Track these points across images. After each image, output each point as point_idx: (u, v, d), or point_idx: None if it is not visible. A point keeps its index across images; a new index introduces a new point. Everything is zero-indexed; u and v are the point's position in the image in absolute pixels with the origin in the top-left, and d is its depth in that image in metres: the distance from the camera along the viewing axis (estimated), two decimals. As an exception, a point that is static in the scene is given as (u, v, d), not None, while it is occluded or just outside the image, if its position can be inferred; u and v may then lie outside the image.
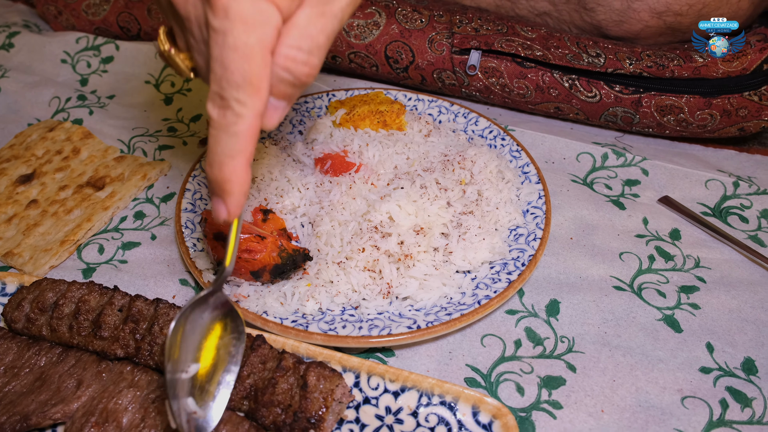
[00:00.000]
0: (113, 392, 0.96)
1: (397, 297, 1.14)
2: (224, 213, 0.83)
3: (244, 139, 0.76)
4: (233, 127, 0.74)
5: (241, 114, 0.74)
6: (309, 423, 0.92)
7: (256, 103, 0.74)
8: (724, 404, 1.01)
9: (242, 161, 0.78)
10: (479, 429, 0.94)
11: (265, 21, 0.72)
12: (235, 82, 0.72)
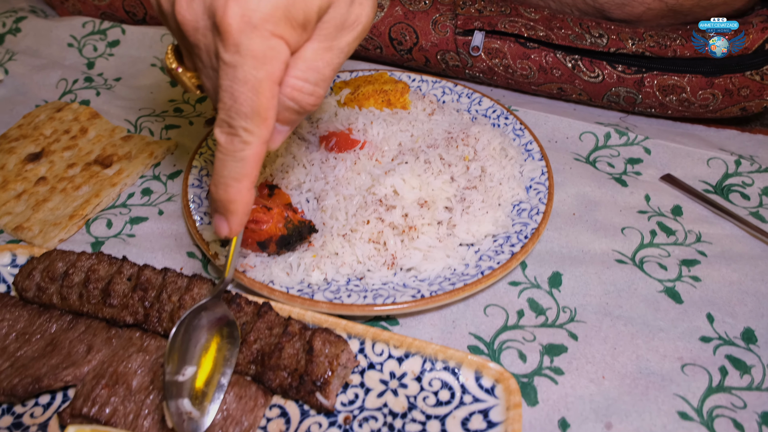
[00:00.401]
0: (123, 356, 0.98)
1: (402, 268, 1.15)
2: (226, 230, 0.90)
3: (250, 164, 0.82)
4: (240, 153, 0.80)
5: (248, 142, 0.79)
6: (315, 386, 0.93)
7: (263, 132, 0.79)
8: (724, 371, 1.02)
9: (247, 184, 0.84)
10: (482, 393, 0.96)
11: (274, 56, 0.76)
12: (244, 113, 0.77)
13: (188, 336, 0.92)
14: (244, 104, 0.76)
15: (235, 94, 0.75)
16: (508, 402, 0.92)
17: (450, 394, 0.97)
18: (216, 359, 0.93)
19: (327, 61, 0.82)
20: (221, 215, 0.89)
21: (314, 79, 0.82)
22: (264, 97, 0.76)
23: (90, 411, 0.91)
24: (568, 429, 0.94)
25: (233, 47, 0.74)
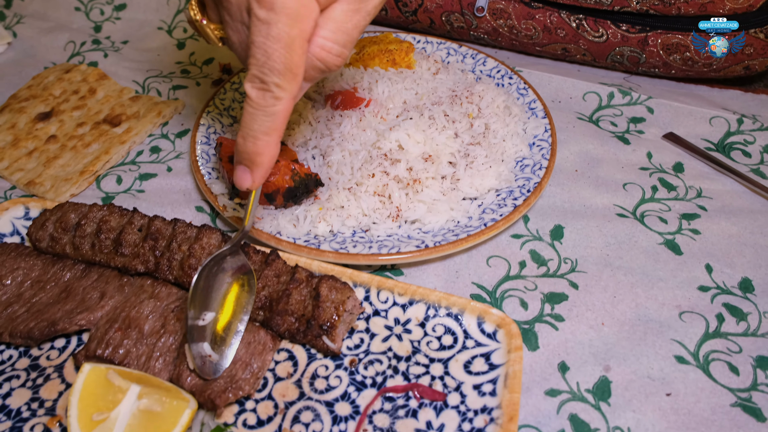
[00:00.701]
0: (135, 302, 1.01)
1: (406, 221, 1.18)
2: (248, 182, 0.92)
3: (280, 119, 0.84)
4: (271, 108, 0.82)
5: (280, 97, 0.81)
6: (321, 330, 0.96)
7: (294, 88, 0.81)
8: (720, 318, 1.04)
9: (276, 138, 0.87)
10: (484, 337, 0.98)
11: (307, 15, 0.77)
12: (277, 70, 0.79)
13: (209, 282, 0.96)
14: (278, 61, 0.78)
15: (269, 51, 0.77)
16: (509, 345, 0.95)
17: (453, 339, 0.99)
18: (234, 306, 0.96)
19: (355, 23, 0.83)
20: (246, 167, 0.91)
21: (342, 41, 0.83)
22: (296, 54, 0.78)
23: (104, 353, 0.95)
24: (568, 372, 0.97)
25: (268, 4, 0.75)
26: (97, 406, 0.86)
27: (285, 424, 0.90)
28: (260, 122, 0.84)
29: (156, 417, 0.85)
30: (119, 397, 0.88)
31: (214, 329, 0.94)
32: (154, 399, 0.87)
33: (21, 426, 0.90)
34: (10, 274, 1.07)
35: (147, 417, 0.86)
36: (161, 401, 0.87)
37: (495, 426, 0.86)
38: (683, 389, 0.94)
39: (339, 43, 0.83)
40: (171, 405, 0.86)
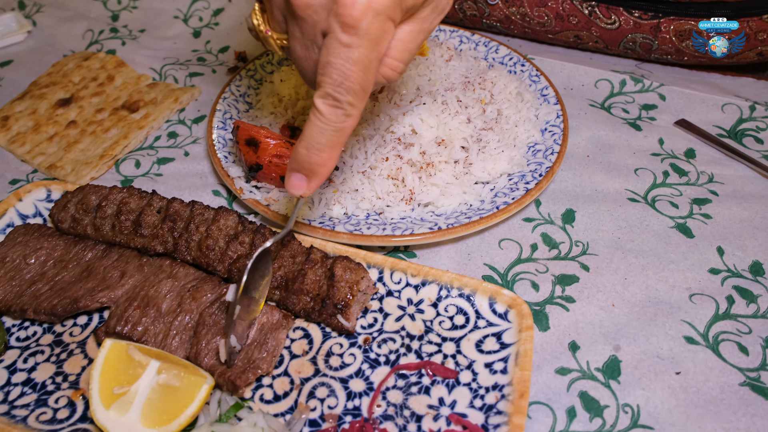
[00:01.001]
0: (153, 282, 1.04)
1: (419, 204, 1.19)
2: (303, 189, 0.93)
3: (347, 134, 0.87)
4: (341, 124, 0.84)
5: (351, 115, 0.83)
6: (336, 309, 0.98)
7: (363, 105, 0.84)
8: (731, 300, 1.05)
9: (338, 152, 0.89)
10: (495, 317, 1.00)
11: (386, 38, 0.80)
12: (354, 90, 0.81)
13: (253, 277, 0.96)
14: (355, 83, 0.79)
15: (347, 73, 0.79)
16: (520, 325, 0.96)
17: (465, 319, 1.01)
18: (257, 296, 0.99)
19: (418, 43, 0.85)
20: (304, 176, 0.91)
21: (406, 59, 0.85)
22: (371, 75, 0.81)
23: (123, 329, 0.97)
24: (578, 351, 0.98)
25: (352, 30, 0.76)
26: (118, 380, 0.89)
27: (301, 399, 0.93)
28: (328, 136, 0.85)
29: (174, 391, 0.88)
30: (139, 371, 0.90)
31: (240, 320, 0.96)
32: (172, 374, 0.90)
33: (46, 399, 0.93)
34: (33, 254, 1.10)
35: (166, 391, 0.88)
36: (179, 376, 0.89)
37: (506, 402, 0.88)
38: (693, 368, 0.95)
39: (404, 61, 0.85)
40: (189, 380, 0.89)
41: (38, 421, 0.89)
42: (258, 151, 1.14)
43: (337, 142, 0.86)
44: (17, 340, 1.02)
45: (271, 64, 1.55)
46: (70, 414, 0.91)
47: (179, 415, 0.84)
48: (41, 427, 0.88)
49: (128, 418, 0.85)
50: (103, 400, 0.87)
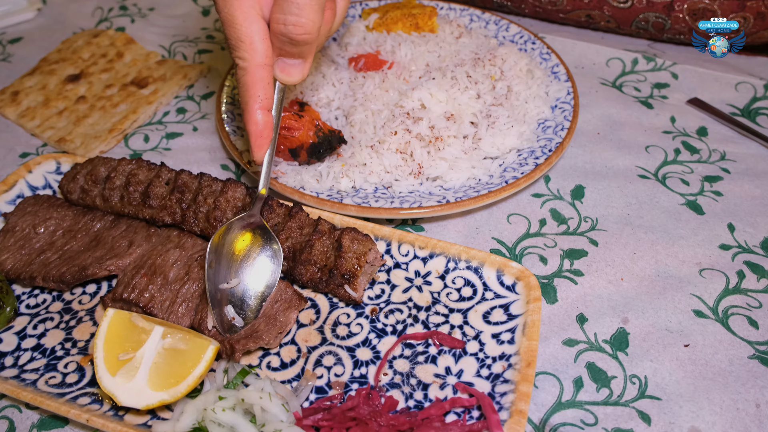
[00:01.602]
0: (161, 251, 1.04)
1: (428, 178, 1.19)
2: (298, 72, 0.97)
3: (252, 88, 0.92)
4: (241, 79, 0.92)
5: (243, 67, 0.91)
6: (343, 279, 0.98)
7: (252, 56, 0.90)
8: (741, 275, 1.04)
9: (254, 106, 0.93)
10: (503, 290, 1.00)
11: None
12: (232, 45, 0.91)
13: (229, 247, 0.97)
14: (230, 37, 0.90)
15: (224, 30, 0.90)
16: (528, 296, 0.96)
17: (472, 291, 1.01)
18: (260, 272, 0.98)
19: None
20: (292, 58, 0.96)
21: (295, 11, 0.87)
22: (240, 26, 0.88)
23: (130, 296, 0.97)
24: (586, 323, 0.98)
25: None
26: (123, 347, 0.89)
27: (308, 366, 0.93)
28: (241, 95, 0.94)
29: (181, 354, 0.88)
30: (143, 337, 0.90)
31: (240, 294, 0.96)
32: (177, 338, 0.89)
33: (55, 363, 0.93)
34: (42, 224, 1.10)
35: (172, 354, 0.88)
36: (185, 339, 0.89)
37: (513, 371, 0.87)
38: (701, 341, 0.94)
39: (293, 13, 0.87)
40: (194, 342, 0.89)
41: (48, 384, 0.90)
42: (266, 124, 1.14)
43: (246, 98, 0.93)
44: (27, 307, 1.03)
45: (280, 41, 1.54)
46: (79, 378, 0.91)
47: (186, 377, 0.84)
48: (50, 391, 0.89)
49: (135, 383, 0.85)
50: (109, 367, 0.87)
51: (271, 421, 0.82)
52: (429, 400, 0.87)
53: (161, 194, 1.10)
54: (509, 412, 0.81)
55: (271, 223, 1.05)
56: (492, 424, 0.79)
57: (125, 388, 0.85)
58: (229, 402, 0.83)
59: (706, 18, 1.50)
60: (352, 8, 1.66)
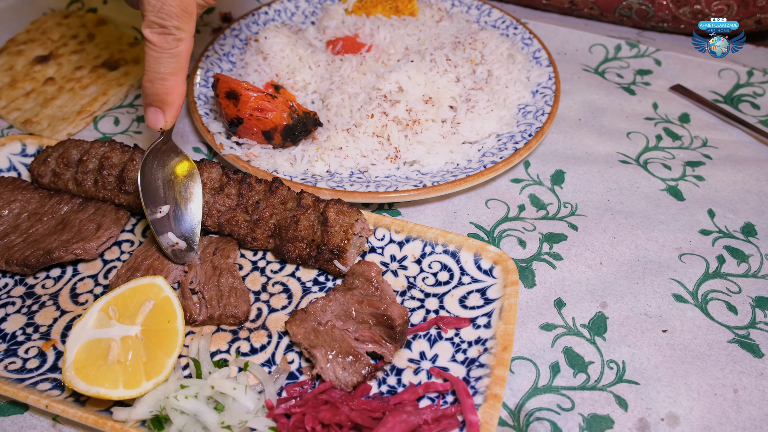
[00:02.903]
0: (157, 252, 0.99)
1: (405, 162, 1.16)
2: (161, 122, 0.95)
3: (185, 58, 0.89)
4: (175, 49, 0.87)
5: (181, 38, 0.87)
6: (332, 254, 0.96)
7: (191, 27, 0.87)
8: (721, 259, 1.03)
9: (182, 77, 0.91)
10: (480, 274, 0.97)
11: None
12: (175, 13, 0.84)
13: (153, 178, 0.96)
14: (174, 5, 0.83)
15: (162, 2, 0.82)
16: (505, 280, 0.94)
17: (449, 275, 0.98)
18: (185, 194, 0.98)
19: None
20: (157, 108, 0.93)
21: None
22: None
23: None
24: (564, 307, 0.96)
25: None
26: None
27: (278, 352, 0.90)
28: (166, 64, 0.88)
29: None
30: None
31: (172, 219, 0.97)
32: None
33: (16, 349, 0.90)
34: (6, 206, 1.06)
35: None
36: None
37: (489, 355, 0.85)
38: (680, 326, 0.93)
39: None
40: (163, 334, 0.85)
41: (7, 370, 0.87)
42: (239, 105, 1.10)
43: (177, 68, 0.89)
44: (-13, 292, 0.99)
45: (256, 24, 1.51)
46: (40, 364, 0.88)
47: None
48: (9, 376, 0.85)
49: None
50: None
51: (238, 412, 0.79)
52: (403, 385, 0.85)
53: (135, 178, 1.06)
54: (484, 396, 0.79)
55: (252, 200, 1.02)
56: (466, 408, 0.77)
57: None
58: (192, 390, 0.80)
59: (689, 5, 1.48)
60: (332, -8, 1.63)
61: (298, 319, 0.90)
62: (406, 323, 0.87)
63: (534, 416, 0.82)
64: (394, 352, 0.86)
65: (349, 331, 0.89)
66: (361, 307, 0.90)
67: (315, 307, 0.91)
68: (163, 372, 0.81)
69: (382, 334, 0.87)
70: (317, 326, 0.88)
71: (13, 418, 0.84)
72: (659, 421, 0.81)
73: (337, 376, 0.83)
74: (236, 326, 0.93)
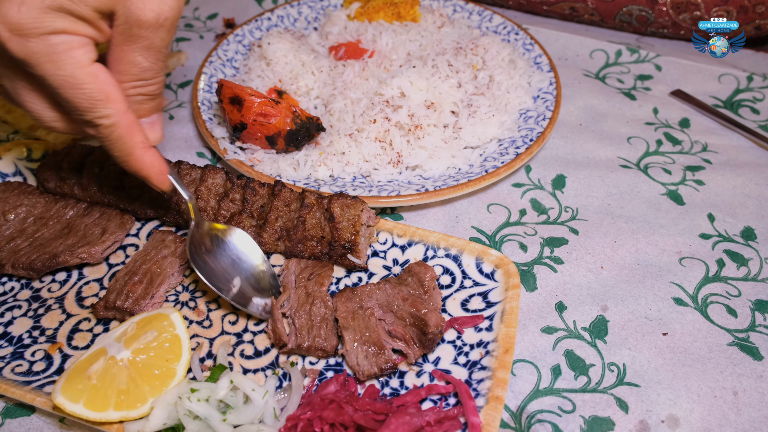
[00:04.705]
0: (155, 257, 1.00)
1: (407, 167, 1.17)
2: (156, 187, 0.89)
3: (130, 137, 0.81)
4: (112, 135, 0.80)
5: (111, 124, 0.78)
6: (344, 249, 0.97)
7: (117, 107, 0.77)
8: (721, 263, 1.04)
9: (140, 151, 0.83)
10: (482, 277, 0.98)
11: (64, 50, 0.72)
12: (85, 107, 0.76)
13: (208, 266, 0.94)
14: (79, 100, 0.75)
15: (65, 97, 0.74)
16: (506, 284, 0.95)
17: (451, 279, 0.99)
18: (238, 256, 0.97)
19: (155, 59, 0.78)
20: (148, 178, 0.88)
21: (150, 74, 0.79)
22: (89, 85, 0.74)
23: (123, 304, 0.93)
24: (565, 311, 0.97)
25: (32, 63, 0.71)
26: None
27: (281, 356, 0.91)
28: (118, 149, 0.82)
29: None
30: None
31: (249, 284, 0.96)
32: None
33: (22, 351, 0.91)
34: (13, 210, 1.07)
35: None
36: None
37: (491, 358, 0.86)
38: (680, 329, 0.93)
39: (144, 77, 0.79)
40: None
41: (14, 372, 0.88)
42: (242, 110, 1.12)
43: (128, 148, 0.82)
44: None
45: (259, 30, 1.52)
46: (47, 366, 0.89)
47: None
48: (17, 379, 0.86)
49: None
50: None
51: (247, 414, 0.80)
52: (405, 387, 0.86)
53: (141, 184, 1.07)
54: (486, 399, 0.80)
55: (256, 204, 1.03)
56: (468, 411, 0.78)
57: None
58: (203, 393, 0.81)
59: (689, 11, 1.49)
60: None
61: (345, 297, 0.93)
62: (440, 333, 0.87)
63: (535, 418, 0.83)
64: (420, 355, 0.88)
65: (386, 322, 0.91)
66: (404, 304, 0.91)
67: (363, 290, 0.94)
68: (135, 409, 0.79)
69: (413, 335, 0.88)
70: (358, 309, 0.91)
71: (21, 420, 0.85)
72: (659, 423, 0.82)
73: (358, 362, 0.86)
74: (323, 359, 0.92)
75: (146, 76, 0.80)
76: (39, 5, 0.68)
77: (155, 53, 0.78)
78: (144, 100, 0.83)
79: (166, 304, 0.98)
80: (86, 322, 0.96)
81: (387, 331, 0.90)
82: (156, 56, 0.78)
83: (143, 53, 0.77)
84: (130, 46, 0.75)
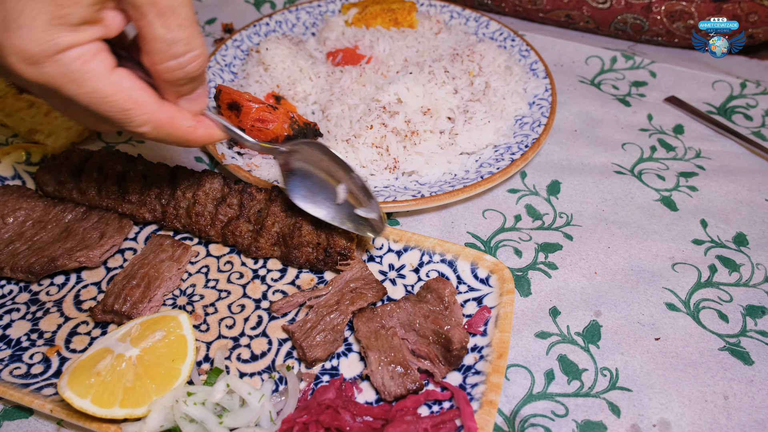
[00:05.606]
0: (153, 261, 1.00)
1: (403, 173, 1.18)
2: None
3: (172, 129, 0.79)
4: (159, 135, 0.79)
5: (152, 129, 0.77)
6: (341, 256, 0.98)
7: (149, 111, 0.75)
8: (713, 269, 1.05)
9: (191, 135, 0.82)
10: (477, 282, 0.99)
11: (80, 65, 0.69)
12: (119, 120, 0.74)
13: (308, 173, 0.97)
14: (111, 114, 0.72)
15: (100, 113, 0.72)
16: (501, 289, 0.96)
17: (446, 284, 1.00)
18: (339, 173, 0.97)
19: (177, 24, 0.70)
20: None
21: (183, 48, 0.72)
22: (114, 97, 0.71)
23: (122, 308, 0.94)
24: (559, 316, 0.98)
25: (59, 87, 0.69)
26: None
27: (278, 359, 0.92)
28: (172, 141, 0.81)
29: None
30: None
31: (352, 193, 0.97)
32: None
33: (20, 354, 0.92)
34: (12, 214, 1.08)
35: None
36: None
37: (485, 363, 0.87)
38: (672, 334, 0.95)
39: (183, 53, 0.73)
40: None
41: (12, 375, 0.88)
42: (240, 116, 1.13)
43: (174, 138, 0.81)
44: (-7, 298, 1.01)
45: (258, 35, 1.53)
46: (45, 369, 0.90)
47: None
48: (15, 381, 0.87)
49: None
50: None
51: (244, 418, 0.80)
52: (400, 391, 0.87)
53: (140, 188, 1.08)
54: (479, 403, 0.81)
55: (253, 209, 1.04)
56: (465, 416, 0.79)
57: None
58: (200, 396, 0.82)
59: (683, 20, 1.51)
60: (332, 3, 1.66)
61: (365, 317, 0.92)
62: (464, 349, 0.88)
63: (529, 422, 0.84)
64: (446, 373, 0.87)
65: (409, 341, 0.90)
66: (426, 322, 0.91)
67: (384, 309, 0.93)
68: (140, 407, 0.80)
69: (438, 353, 0.88)
70: (380, 329, 0.90)
71: (18, 422, 0.86)
72: (651, 427, 0.83)
73: (384, 383, 0.85)
74: (302, 362, 0.92)
75: (176, 51, 0.72)
76: (38, 25, 0.65)
77: (174, 18, 0.70)
78: (186, 81, 0.77)
79: (164, 308, 0.99)
80: (84, 325, 0.96)
81: (410, 350, 0.89)
82: (177, 22, 0.70)
83: (161, 22, 0.69)
84: (146, 20, 0.69)
